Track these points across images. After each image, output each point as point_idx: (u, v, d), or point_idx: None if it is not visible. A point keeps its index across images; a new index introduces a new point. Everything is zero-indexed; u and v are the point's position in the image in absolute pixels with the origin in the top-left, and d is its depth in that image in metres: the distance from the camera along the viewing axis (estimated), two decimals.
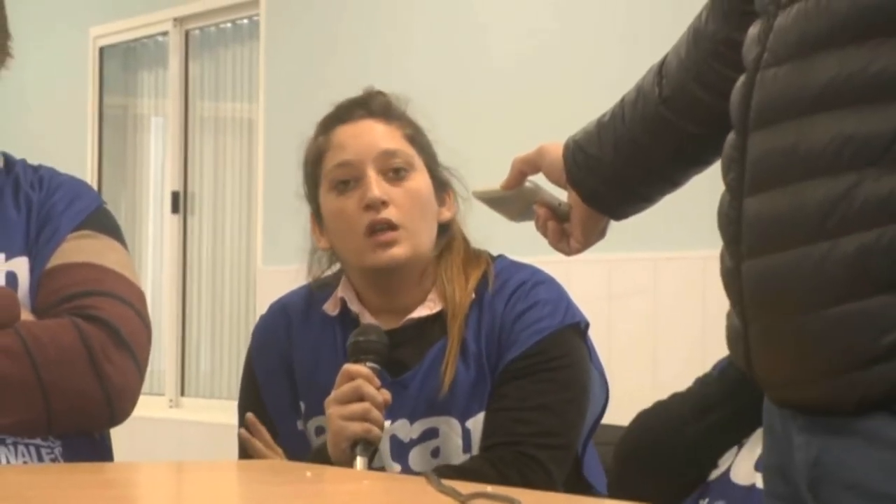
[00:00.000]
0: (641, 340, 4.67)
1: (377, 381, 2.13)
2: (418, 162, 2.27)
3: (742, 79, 1.50)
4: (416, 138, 2.29)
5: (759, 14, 1.50)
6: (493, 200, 1.95)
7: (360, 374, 2.12)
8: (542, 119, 4.64)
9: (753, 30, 1.51)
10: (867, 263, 1.34)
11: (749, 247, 1.45)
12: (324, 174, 2.27)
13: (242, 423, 2.33)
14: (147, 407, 5.82)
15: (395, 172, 2.24)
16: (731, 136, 1.50)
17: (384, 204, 2.20)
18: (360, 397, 2.10)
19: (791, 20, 1.43)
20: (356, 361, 2.15)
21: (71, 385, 2.04)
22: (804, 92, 1.40)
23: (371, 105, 2.29)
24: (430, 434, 2.21)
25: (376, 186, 2.21)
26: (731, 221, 1.47)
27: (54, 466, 2.04)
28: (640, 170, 1.80)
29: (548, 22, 5.11)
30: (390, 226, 2.20)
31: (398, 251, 2.20)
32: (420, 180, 2.26)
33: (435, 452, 2.21)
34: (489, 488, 1.46)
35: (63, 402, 2.04)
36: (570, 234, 1.88)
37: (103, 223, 2.22)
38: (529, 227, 1.97)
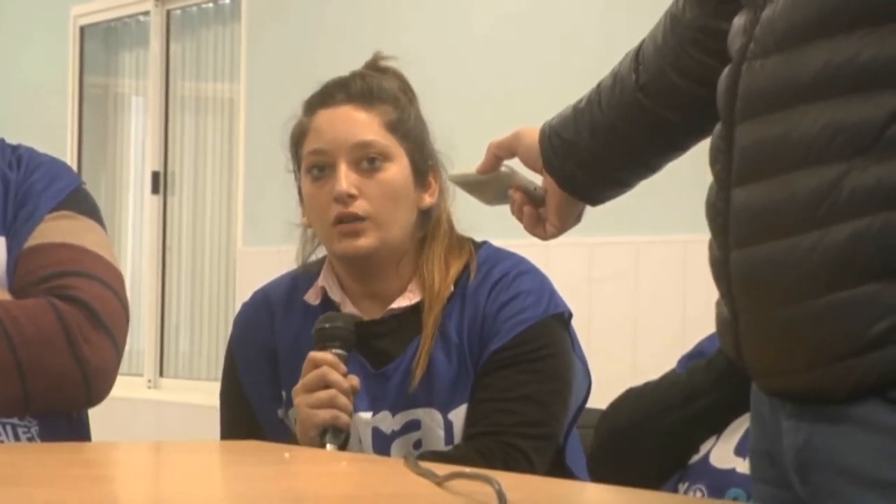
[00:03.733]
0: (622, 324, 4.68)
1: (343, 368, 2.12)
2: (396, 150, 2.25)
3: (728, 69, 1.50)
4: (398, 125, 2.26)
5: (744, 4, 1.50)
6: (469, 185, 1.95)
7: (325, 362, 2.12)
8: (530, 103, 4.64)
9: (739, 20, 1.50)
10: (857, 252, 1.34)
11: (737, 237, 1.45)
12: (303, 156, 2.27)
13: (222, 413, 2.34)
14: (125, 387, 5.81)
15: (368, 162, 2.22)
16: (717, 127, 1.50)
17: (352, 197, 2.20)
18: (325, 385, 2.10)
19: (779, 11, 1.42)
20: (322, 349, 2.14)
21: (48, 365, 2.04)
22: (793, 82, 1.40)
23: (351, 89, 2.27)
24: (412, 426, 2.21)
25: (345, 180, 2.20)
26: (719, 212, 1.47)
27: (31, 445, 2.04)
28: (617, 155, 1.80)
29: (533, 1, 5.11)
30: (357, 218, 2.20)
31: (363, 242, 2.20)
32: (395, 170, 2.24)
33: (417, 444, 2.21)
34: (467, 470, 1.46)
35: (40, 382, 2.03)
36: (545, 218, 1.88)
37: (82, 204, 2.21)
38: (508, 210, 1.96)
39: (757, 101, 1.44)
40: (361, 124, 2.24)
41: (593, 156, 1.79)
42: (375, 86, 2.28)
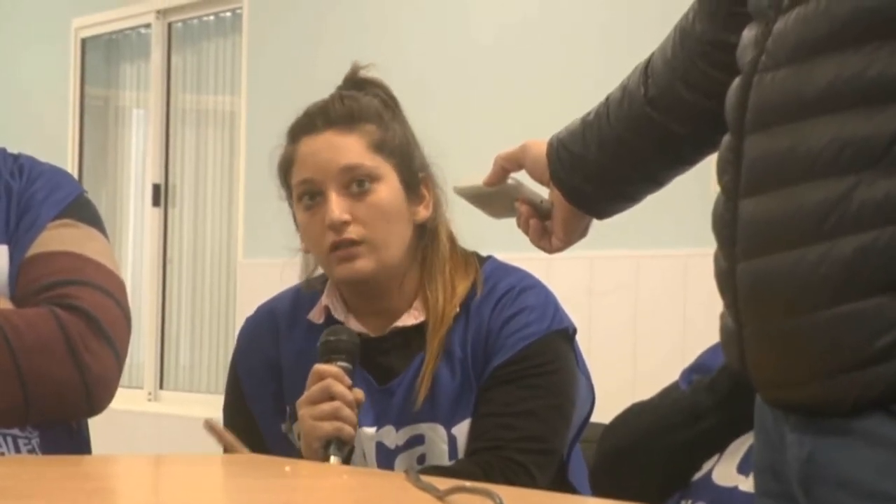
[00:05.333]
0: (622, 337, 4.67)
1: (347, 380, 2.12)
2: (384, 169, 2.23)
3: (737, 81, 1.50)
4: (383, 144, 2.24)
5: (755, 17, 1.50)
6: (475, 197, 1.94)
7: (330, 374, 2.11)
8: (530, 112, 4.64)
9: (749, 32, 1.50)
10: (863, 265, 1.34)
11: (744, 249, 1.45)
12: (293, 185, 2.26)
13: (225, 425, 2.33)
14: (126, 400, 5.81)
15: (358, 185, 2.21)
16: (726, 138, 1.50)
17: (346, 223, 2.19)
18: (330, 396, 2.10)
19: (791, 24, 1.43)
20: (327, 361, 2.14)
21: (49, 373, 2.03)
22: (803, 95, 1.40)
23: (331, 114, 2.25)
24: (416, 441, 2.21)
25: (336, 208, 2.19)
26: (727, 223, 1.47)
27: (32, 458, 2.03)
28: (625, 169, 1.80)
29: (533, 11, 5.11)
30: (353, 242, 2.19)
31: (361, 265, 2.19)
32: (385, 190, 2.23)
33: (421, 459, 2.21)
34: (468, 484, 1.45)
35: (41, 390, 2.03)
36: (551, 231, 1.88)
37: (84, 212, 2.21)
38: (512, 223, 1.96)
39: (766, 113, 1.44)
40: (345, 149, 2.22)
41: (601, 169, 1.80)
42: (355, 107, 2.26)
